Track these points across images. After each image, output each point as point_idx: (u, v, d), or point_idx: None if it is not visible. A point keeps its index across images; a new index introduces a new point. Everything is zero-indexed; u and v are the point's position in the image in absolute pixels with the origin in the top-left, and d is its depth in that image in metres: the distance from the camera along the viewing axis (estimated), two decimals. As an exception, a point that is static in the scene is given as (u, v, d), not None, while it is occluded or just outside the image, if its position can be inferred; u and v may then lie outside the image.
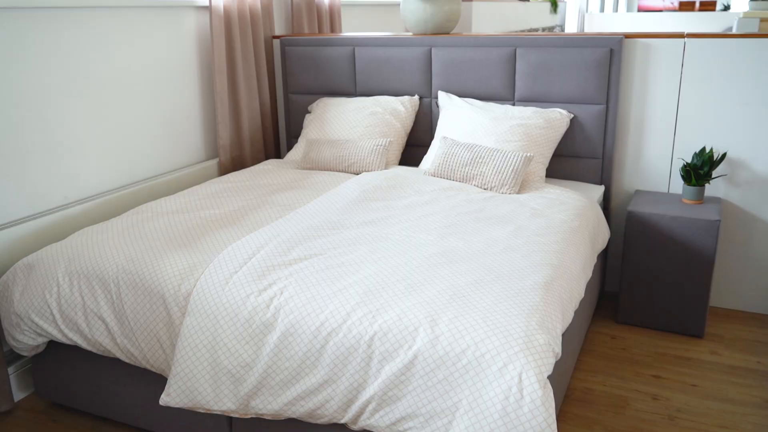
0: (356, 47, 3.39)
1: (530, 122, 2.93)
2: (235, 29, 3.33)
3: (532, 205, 2.52)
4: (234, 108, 3.43)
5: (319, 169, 3.06)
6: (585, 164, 3.08)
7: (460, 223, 2.29)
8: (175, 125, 3.15)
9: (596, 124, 3.00)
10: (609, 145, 3.02)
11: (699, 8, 11.64)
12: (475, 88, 3.18)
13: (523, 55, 3.05)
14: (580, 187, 3.03)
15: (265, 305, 1.82)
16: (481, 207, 2.47)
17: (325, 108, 3.37)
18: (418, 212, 2.40)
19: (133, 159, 2.93)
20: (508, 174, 2.70)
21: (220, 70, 3.25)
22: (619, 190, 3.15)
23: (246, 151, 3.50)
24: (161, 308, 1.96)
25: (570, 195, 2.66)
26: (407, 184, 2.71)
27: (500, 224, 2.29)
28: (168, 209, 2.51)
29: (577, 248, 2.21)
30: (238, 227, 2.31)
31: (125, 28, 2.80)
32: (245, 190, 2.74)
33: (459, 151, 2.81)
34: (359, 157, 2.99)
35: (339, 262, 1.99)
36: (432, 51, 3.23)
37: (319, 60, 3.48)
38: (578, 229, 2.35)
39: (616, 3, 13.12)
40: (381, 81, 3.37)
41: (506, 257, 2.01)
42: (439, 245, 2.09)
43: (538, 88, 3.06)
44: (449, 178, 2.81)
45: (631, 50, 2.95)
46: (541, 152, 2.92)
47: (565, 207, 2.51)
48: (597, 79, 2.94)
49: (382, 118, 3.21)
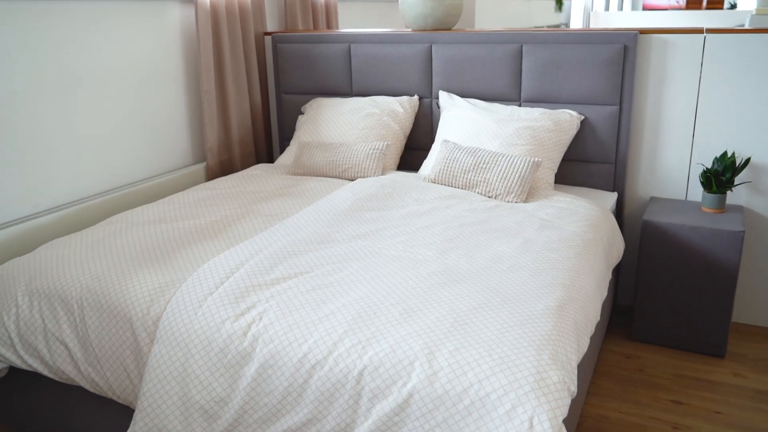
0: (352, 44, 3.18)
1: (538, 124, 2.72)
2: (222, 24, 3.12)
3: (540, 215, 2.31)
4: (222, 109, 3.23)
5: (311, 174, 2.86)
6: (596, 169, 2.87)
7: (462, 237, 2.08)
8: (158, 127, 2.95)
9: (609, 126, 2.79)
10: (622, 149, 2.81)
11: (706, 6, 11.41)
12: (478, 87, 2.98)
13: (530, 52, 2.84)
14: (592, 194, 2.82)
15: (242, 332, 1.62)
16: (485, 217, 2.26)
17: (319, 109, 3.17)
18: (416, 224, 2.19)
19: (112, 164, 2.72)
20: (515, 181, 2.49)
21: (207, 68, 3.05)
22: (632, 197, 2.94)
23: (235, 155, 3.29)
24: (128, 333, 1.75)
25: (582, 204, 2.45)
26: (405, 191, 2.50)
27: (506, 237, 2.09)
28: (144, 219, 2.30)
29: (591, 265, 2.00)
30: (219, 240, 2.11)
31: (101, 22, 2.60)
32: (230, 198, 2.53)
33: (461, 155, 2.61)
34: (354, 161, 2.78)
35: (327, 281, 1.78)
36: (432, 48, 3.02)
37: (312, 58, 3.27)
38: (592, 242, 2.14)
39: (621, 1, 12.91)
40: (378, 80, 3.17)
41: (513, 276, 1.80)
42: (438, 262, 1.89)
43: (546, 87, 2.85)
44: (451, 185, 2.60)
45: (646, 47, 2.74)
46: (549, 157, 2.71)
47: (577, 217, 2.30)
48: (610, 78, 2.73)
49: (380, 120, 3.01)
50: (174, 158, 3.07)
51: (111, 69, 2.66)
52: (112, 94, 2.68)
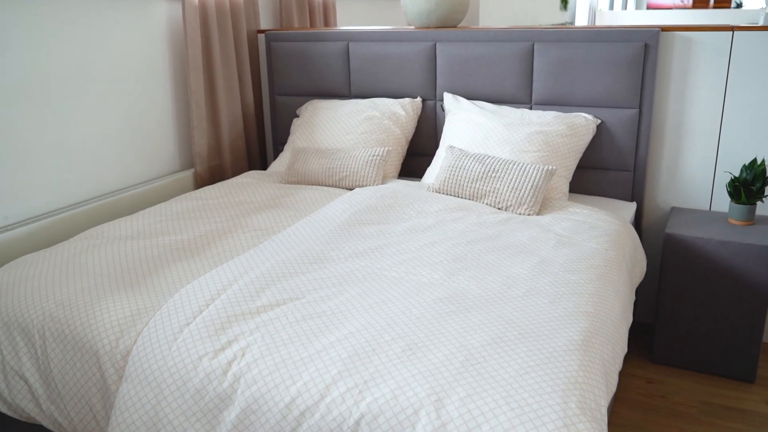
0: (350, 42, 2.98)
1: (551, 129, 2.52)
2: (212, 21, 2.92)
3: (556, 229, 2.11)
4: (212, 111, 3.03)
5: (306, 183, 2.65)
6: (614, 177, 2.66)
7: (471, 255, 1.87)
8: (142, 131, 2.75)
9: (627, 130, 2.58)
10: (642, 156, 2.60)
11: (714, 5, 11.20)
12: (486, 89, 2.77)
13: (542, 50, 2.63)
14: (608, 204, 2.61)
15: (221, 371, 1.41)
16: (496, 232, 2.05)
17: (315, 111, 2.96)
18: (420, 240, 1.98)
19: (91, 171, 2.52)
20: (527, 191, 2.28)
21: (196, 68, 2.85)
22: (652, 207, 2.73)
23: (226, 160, 3.09)
24: (94, 369, 1.55)
25: (600, 216, 2.25)
26: (407, 203, 2.30)
27: (520, 256, 1.88)
28: (122, 234, 2.10)
29: (616, 287, 1.79)
30: (201, 259, 1.90)
31: (79, 19, 2.39)
32: (217, 210, 2.32)
33: (468, 163, 2.40)
34: (352, 169, 2.58)
35: (320, 310, 1.57)
36: (437, 46, 2.82)
37: (308, 57, 3.07)
38: (614, 261, 1.93)
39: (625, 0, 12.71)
40: (378, 81, 2.96)
41: (530, 304, 1.60)
42: (446, 287, 1.68)
43: (559, 89, 2.64)
44: (457, 195, 2.40)
45: (668, 45, 2.53)
46: (563, 164, 2.50)
47: (597, 232, 2.10)
48: (629, 79, 2.52)
49: (380, 124, 2.80)
50: (160, 165, 2.87)
51: (90, 69, 2.46)
52: (91, 97, 2.48)
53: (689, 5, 12.40)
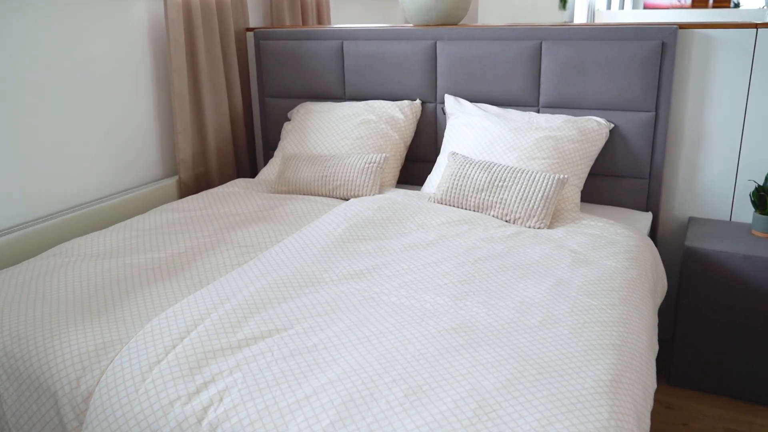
0: (345, 41, 2.79)
1: (561, 134, 2.33)
2: (197, 19, 2.73)
3: (571, 245, 1.92)
4: (197, 115, 2.83)
5: (297, 192, 2.46)
6: (627, 186, 2.48)
7: (479, 276, 1.68)
8: (121, 137, 2.55)
9: (642, 135, 2.40)
10: (658, 162, 2.42)
11: (713, 5, 11.06)
12: (490, 90, 2.59)
13: (550, 49, 2.45)
14: (622, 214, 2.43)
15: (195, 419, 1.22)
16: (505, 249, 1.87)
17: (307, 115, 2.77)
18: (421, 258, 1.80)
19: (64, 180, 2.32)
20: (537, 202, 2.10)
21: (179, 69, 2.65)
22: (668, 217, 2.55)
23: (212, 167, 2.89)
24: (52, 412, 1.36)
25: (617, 230, 2.06)
26: (407, 215, 2.11)
27: (533, 277, 1.69)
28: (93, 251, 1.90)
29: (640, 312, 1.61)
30: (178, 282, 1.71)
31: (51, 15, 2.20)
32: (199, 223, 2.13)
33: (472, 171, 2.21)
34: (347, 177, 2.39)
35: (310, 343, 1.38)
36: (437, 45, 2.63)
37: (300, 56, 2.88)
38: (637, 282, 1.74)
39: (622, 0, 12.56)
40: (375, 82, 2.77)
41: (549, 335, 1.41)
42: (452, 314, 1.49)
43: (569, 90, 2.46)
44: (461, 206, 2.21)
45: (687, 44, 2.35)
46: (575, 172, 2.32)
47: (615, 248, 1.91)
48: (644, 80, 2.34)
49: (377, 128, 2.61)
50: (141, 172, 2.68)
51: (63, 71, 2.26)
52: (64, 100, 2.28)
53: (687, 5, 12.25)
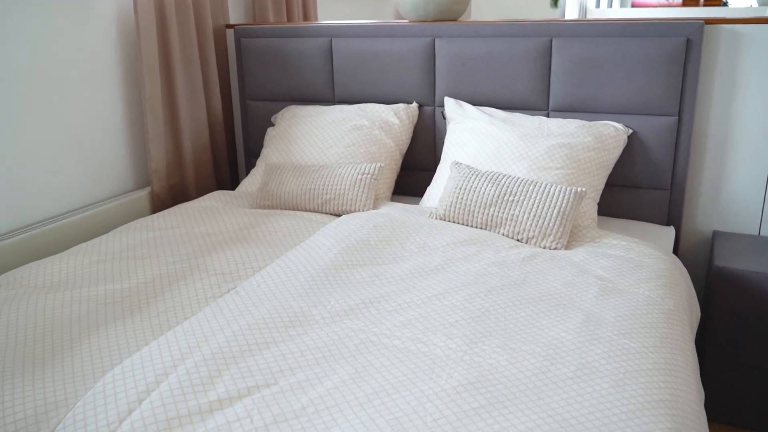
0: (334, 39, 2.54)
1: (575, 141, 2.10)
2: (170, 14, 2.47)
3: (595, 270, 1.69)
4: (171, 120, 2.57)
5: (281, 207, 2.21)
6: (646, 197, 2.25)
7: (495, 311, 1.44)
8: (85, 145, 2.29)
9: (664, 142, 2.17)
10: (681, 171, 2.19)
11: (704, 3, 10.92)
12: (494, 92, 2.35)
13: (562, 47, 2.22)
14: (642, 229, 2.20)
15: None
16: (521, 276, 1.63)
17: (293, 120, 2.52)
18: (426, 288, 1.55)
19: (20, 195, 2.05)
20: (553, 219, 1.86)
21: (151, 70, 2.39)
22: (690, 230, 2.33)
23: (189, 177, 2.63)
24: (-22, 496, 1.10)
25: (643, 250, 1.83)
26: (407, 234, 1.86)
27: (558, 311, 1.45)
28: (46, 281, 1.64)
29: (685, 355, 1.38)
30: (141, 321, 1.45)
31: (7, 12, 1.94)
32: (170, 245, 1.87)
33: (479, 183, 1.97)
34: (338, 190, 2.14)
35: (298, 405, 1.13)
36: (435, 43, 2.39)
37: (284, 55, 2.62)
38: (675, 314, 1.51)
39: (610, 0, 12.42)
40: (367, 83, 2.53)
41: (587, 390, 1.17)
42: (468, 362, 1.25)
43: (582, 92, 2.23)
44: (467, 223, 1.97)
45: (713, 41, 2.13)
46: (591, 183, 2.09)
47: (645, 273, 1.68)
48: (667, 81, 2.11)
49: (369, 135, 2.37)
50: (108, 184, 2.41)
51: (21, 72, 1.99)
52: (20, 104, 2.01)
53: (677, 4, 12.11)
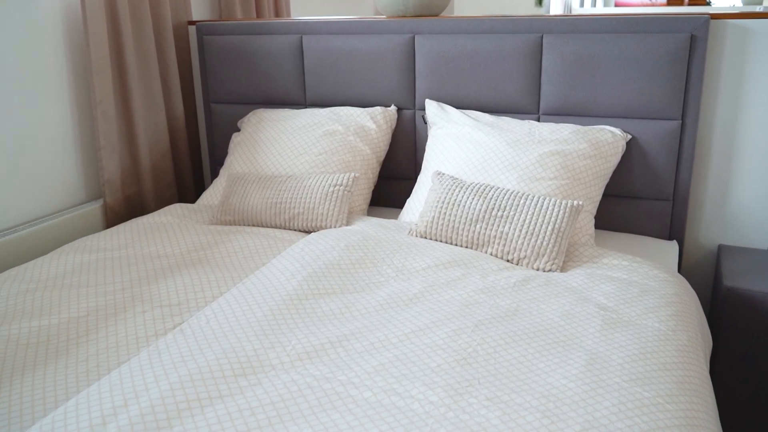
0: (304, 36, 2.32)
1: (570, 148, 1.90)
2: (123, 10, 2.23)
3: (596, 297, 1.48)
4: (126, 125, 2.34)
5: (245, 223, 1.98)
6: (647, 209, 2.06)
7: (483, 351, 1.23)
8: (30, 153, 2.05)
9: (666, 148, 1.98)
10: (684, 180, 2.00)
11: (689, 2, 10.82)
12: (480, 94, 2.15)
13: (554, 45, 2.02)
14: (642, 244, 2.01)
15: None
16: (512, 305, 1.42)
17: (259, 125, 2.30)
18: (403, 323, 1.34)
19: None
20: (547, 237, 1.66)
21: (101, 71, 2.16)
22: (694, 244, 2.14)
23: (147, 188, 2.40)
24: None
25: (647, 271, 1.63)
26: (383, 256, 1.65)
27: (557, 350, 1.25)
28: (-38, 316, 1.41)
29: (705, 402, 1.18)
30: (66, 368, 1.23)
31: None
32: (114, 269, 1.64)
33: (464, 196, 1.77)
34: (307, 204, 1.92)
35: (242, 484, 0.92)
36: (415, 40, 2.18)
37: (251, 54, 2.40)
38: (690, 350, 1.31)
39: (594, 0, 12.31)
40: (341, 85, 2.31)
41: (596, 457, 0.97)
42: (452, 423, 1.03)
43: (576, 94, 2.03)
44: (450, 241, 1.76)
45: (719, 37, 1.94)
46: (588, 195, 1.89)
47: (652, 299, 1.48)
48: (669, 81, 1.92)
49: (343, 141, 2.15)
50: (57, 196, 2.18)
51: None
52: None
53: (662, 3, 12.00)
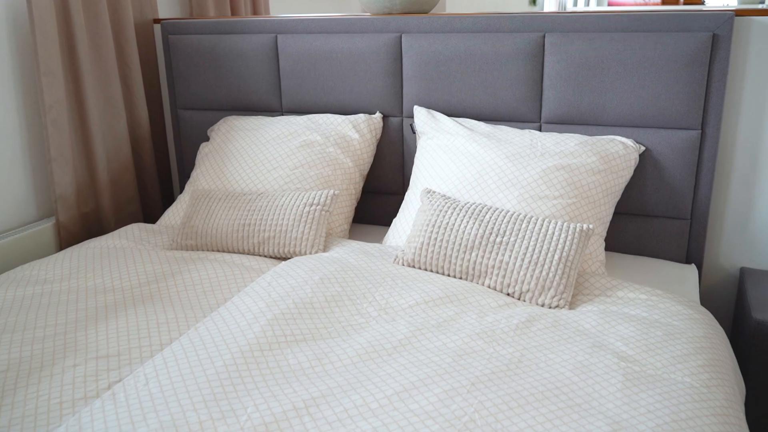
0: (279, 35, 2.09)
1: (577, 162, 1.68)
2: (75, 6, 2.00)
3: (614, 342, 1.26)
4: (81, 133, 2.10)
5: (208, 248, 1.75)
6: (661, 228, 1.84)
7: (481, 420, 1.01)
8: (-40, 169, 1.82)
9: (683, 161, 1.76)
10: (703, 196, 1.78)
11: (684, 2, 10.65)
12: (475, 101, 1.92)
13: (557, 45, 1.79)
14: (656, 269, 1.79)
15: None
16: (516, 355, 1.19)
17: (230, 134, 2.07)
18: (386, 382, 1.11)
19: None
20: (553, 267, 1.43)
21: (51, 72, 1.92)
22: (713, 266, 1.92)
23: (105, 204, 2.16)
24: None
25: (670, 306, 1.41)
26: (364, 291, 1.42)
27: (570, 416, 1.02)
28: None
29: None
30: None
31: None
32: (47, 308, 1.40)
33: (457, 219, 1.54)
34: (279, 227, 1.69)
35: None
36: (403, 40, 1.96)
37: (221, 55, 2.17)
38: (729, 411, 1.09)
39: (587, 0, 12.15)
40: (320, 89, 2.08)
41: None
42: None
43: (582, 100, 1.81)
44: (441, 271, 1.53)
45: (744, 37, 1.72)
46: (598, 216, 1.67)
47: (679, 345, 1.26)
48: (688, 86, 1.70)
49: (322, 153, 1.92)
50: (2, 214, 1.94)
51: None
52: None
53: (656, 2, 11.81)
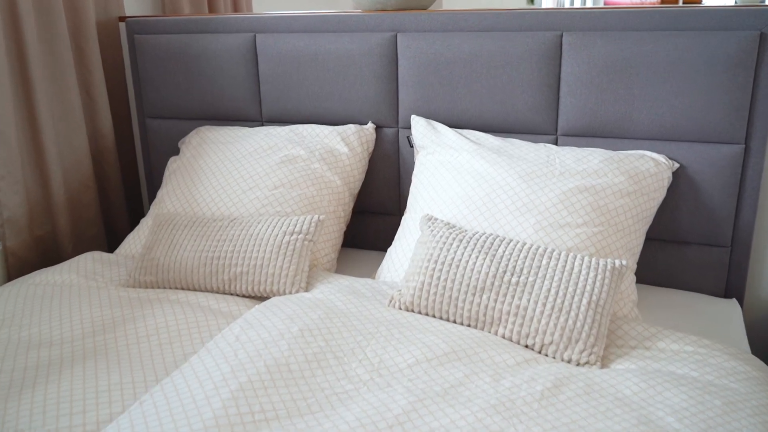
0: (259, 34, 1.84)
1: (602, 182, 1.43)
2: (24, 5, 1.74)
3: (663, 416, 1.01)
4: (32, 148, 1.85)
5: (170, 285, 1.49)
6: (697, 257, 1.60)
7: None
8: None
9: (723, 180, 1.52)
10: (746, 221, 1.54)
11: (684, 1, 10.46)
12: (482, 110, 1.67)
13: (577, 46, 1.55)
14: (690, 305, 1.55)
15: None
16: (542, 437, 0.95)
17: (201, 147, 1.81)
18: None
19: None
20: (582, 314, 1.19)
21: (-5, 79, 1.67)
22: (755, 301, 1.68)
23: (62, 227, 1.91)
24: None
25: (722, 363, 1.17)
26: (352, 345, 1.17)
27: None
28: None
29: None
30: None
31: None
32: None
33: (464, 253, 1.29)
34: (254, 261, 1.44)
35: None
36: (398, 40, 1.71)
37: (194, 58, 1.91)
38: None
39: None
40: (305, 96, 1.83)
41: None
42: None
43: (606, 110, 1.56)
44: (447, 317, 1.28)
45: (795, 36, 1.48)
46: (628, 246, 1.42)
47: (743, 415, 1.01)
48: (729, 94, 1.46)
49: (307, 170, 1.67)
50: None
51: None
52: None
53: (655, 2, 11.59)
